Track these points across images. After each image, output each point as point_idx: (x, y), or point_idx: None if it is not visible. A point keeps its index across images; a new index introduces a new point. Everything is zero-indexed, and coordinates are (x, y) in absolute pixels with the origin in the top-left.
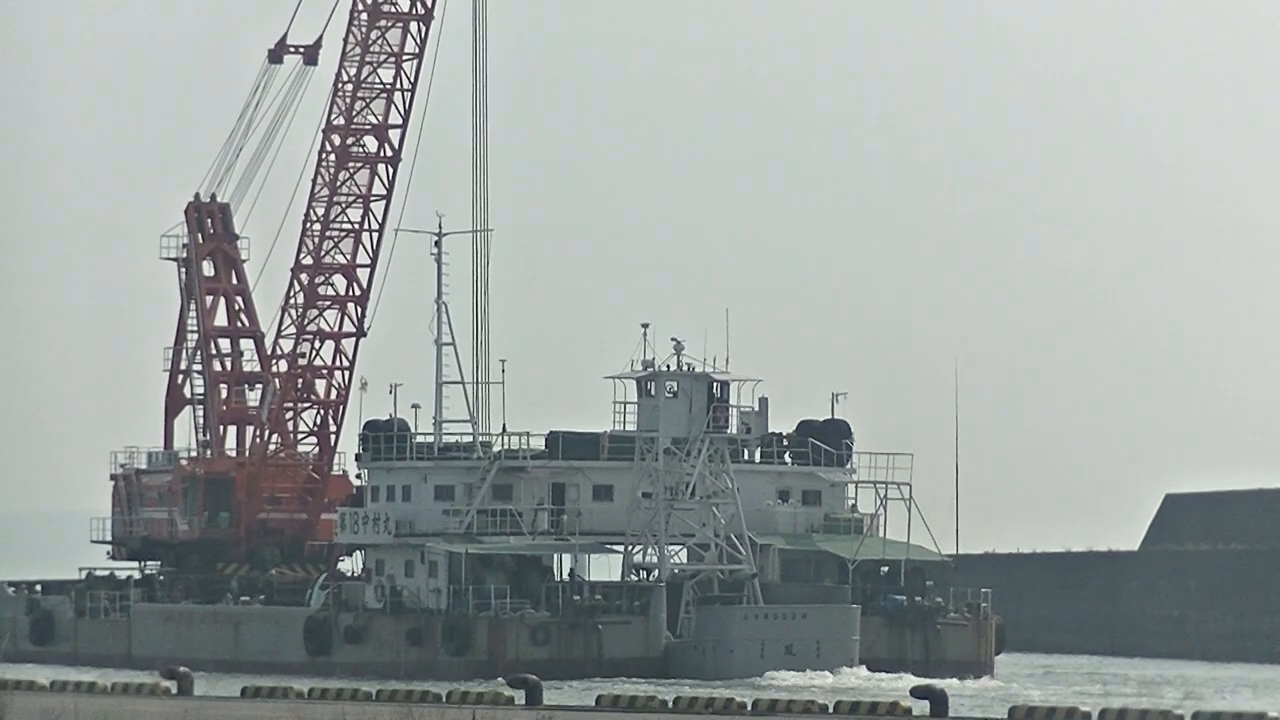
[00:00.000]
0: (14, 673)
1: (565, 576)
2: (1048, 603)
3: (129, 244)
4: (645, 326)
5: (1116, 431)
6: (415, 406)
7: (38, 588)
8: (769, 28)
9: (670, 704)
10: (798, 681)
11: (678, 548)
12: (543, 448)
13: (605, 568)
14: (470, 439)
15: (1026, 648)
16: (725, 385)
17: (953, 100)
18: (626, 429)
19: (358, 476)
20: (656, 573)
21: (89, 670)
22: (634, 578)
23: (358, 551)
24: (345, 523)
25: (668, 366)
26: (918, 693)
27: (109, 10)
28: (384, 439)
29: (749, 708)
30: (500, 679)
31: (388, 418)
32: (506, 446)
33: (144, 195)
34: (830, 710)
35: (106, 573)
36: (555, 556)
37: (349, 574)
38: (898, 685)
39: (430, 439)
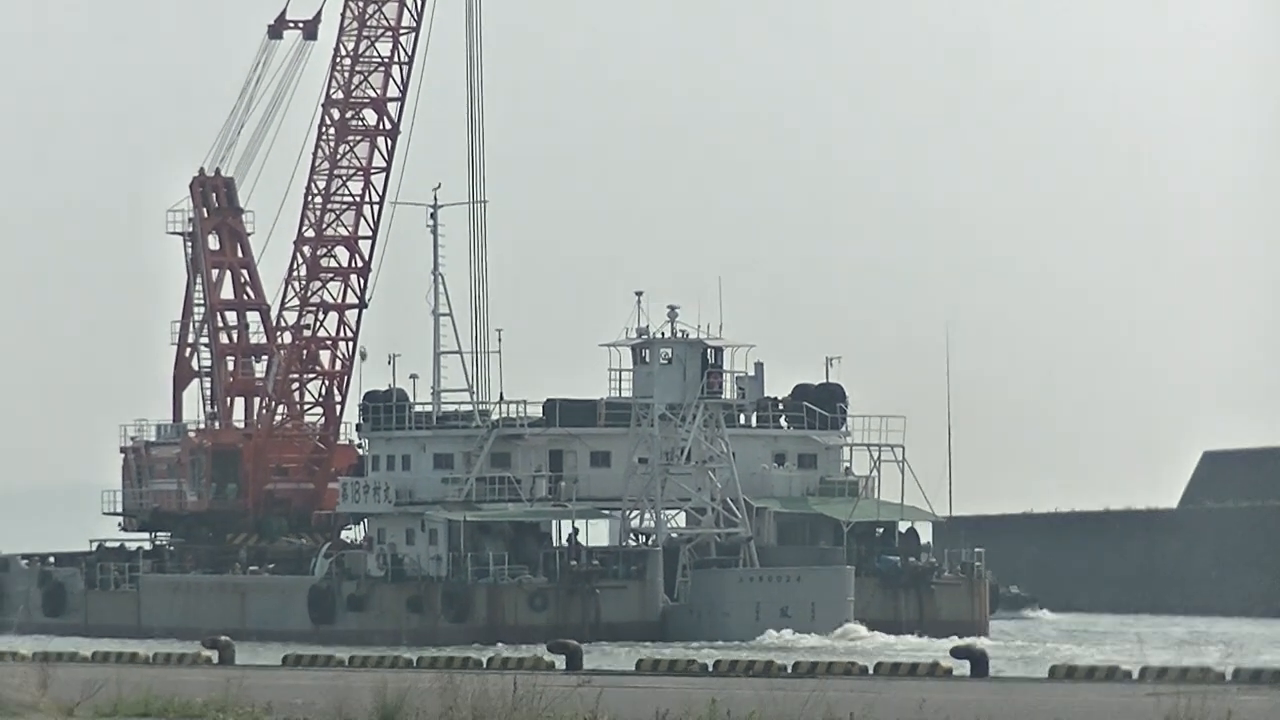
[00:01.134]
0: (36, 645)
1: (565, 542)
2: (1086, 562)
3: (135, 219)
4: (639, 294)
5: (1152, 388)
6: (413, 377)
7: (50, 560)
8: None
9: (710, 667)
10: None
11: (674, 512)
12: (540, 415)
13: (604, 533)
14: (468, 408)
15: (1065, 607)
16: (719, 351)
17: (945, 61)
18: (623, 396)
19: (359, 446)
20: (654, 537)
21: (101, 641)
22: (631, 543)
23: (364, 520)
24: (347, 492)
25: (662, 334)
26: (958, 653)
27: None
28: (383, 409)
29: (789, 670)
30: (500, 644)
31: (387, 388)
32: (504, 415)
33: (149, 170)
34: (871, 672)
35: (117, 545)
36: (554, 523)
37: (353, 542)
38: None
39: (429, 408)
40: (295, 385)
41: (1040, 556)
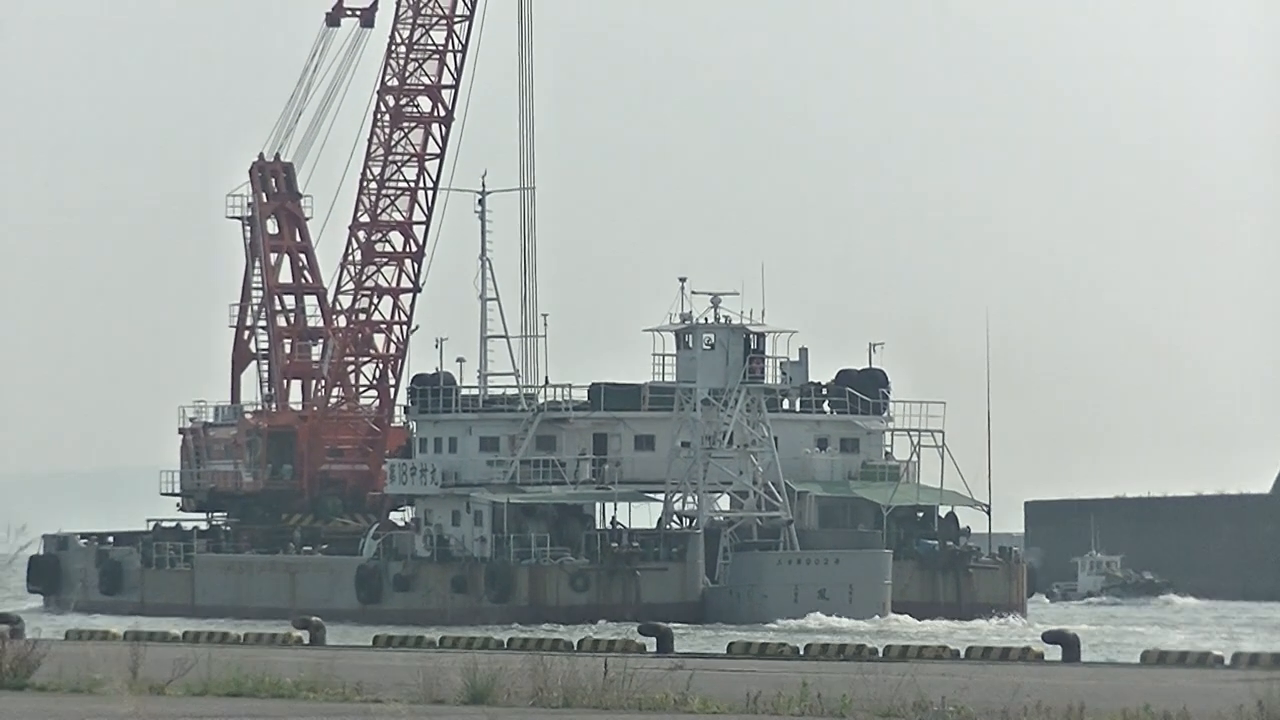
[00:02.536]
0: (88, 623)
1: (608, 524)
2: (1179, 546)
3: (195, 203)
4: (683, 280)
5: (1244, 373)
6: (460, 360)
7: (108, 539)
8: None
9: (801, 651)
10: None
11: (717, 495)
12: (585, 399)
13: (650, 517)
14: (515, 391)
15: (1157, 591)
16: (761, 337)
17: (986, 47)
18: (666, 380)
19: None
20: (696, 520)
21: (157, 619)
22: (674, 525)
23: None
24: (394, 474)
25: (705, 319)
26: (1049, 638)
27: None
28: (431, 392)
29: (880, 654)
30: (546, 624)
31: (434, 371)
32: (550, 398)
33: (209, 155)
34: (962, 656)
35: (173, 524)
36: (596, 505)
37: (401, 524)
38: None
39: (476, 391)
40: (350, 368)
41: (1132, 540)
